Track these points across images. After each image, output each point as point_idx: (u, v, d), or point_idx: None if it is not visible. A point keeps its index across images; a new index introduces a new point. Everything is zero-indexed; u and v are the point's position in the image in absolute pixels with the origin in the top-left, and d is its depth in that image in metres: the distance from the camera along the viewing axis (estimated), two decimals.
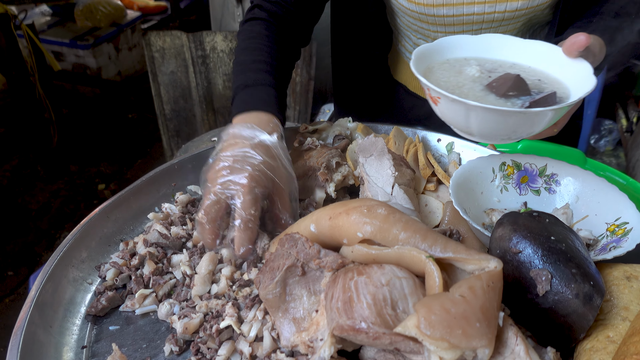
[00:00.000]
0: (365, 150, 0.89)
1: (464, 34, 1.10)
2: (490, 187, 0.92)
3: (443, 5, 1.05)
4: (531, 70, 0.85)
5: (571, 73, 0.81)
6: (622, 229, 0.80)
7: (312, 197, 0.88)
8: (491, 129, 0.73)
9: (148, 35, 2.48)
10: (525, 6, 1.04)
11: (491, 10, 1.06)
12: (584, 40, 0.77)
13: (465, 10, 1.06)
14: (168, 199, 0.97)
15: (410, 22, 1.15)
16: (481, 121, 0.72)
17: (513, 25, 1.12)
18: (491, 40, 0.88)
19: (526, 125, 0.73)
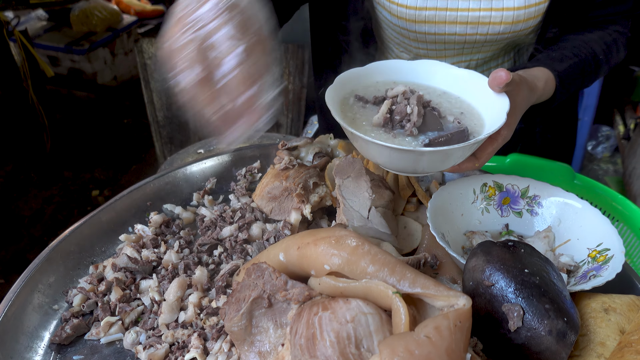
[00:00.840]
0: (342, 171, 0.87)
1: (445, 51, 1.10)
2: (471, 209, 0.89)
3: (425, 22, 1.03)
4: (458, 101, 0.84)
5: (491, 108, 0.80)
6: (604, 255, 0.77)
7: (287, 218, 0.86)
8: (393, 163, 0.74)
9: (140, 42, 2.47)
10: (507, 30, 1.03)
11: (473, 32, 1.04)
12: (504, 76, 0.76)
13: (447, 30, 1.05)
14: (143, 218, 0.95)
15: (394, 35, 1.14)
16: (381, 155, 0.73)
17: (496, 46, 1.10)
18: (425, 66, 0.87)
19: (427, 161, 0.72)
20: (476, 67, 1.17)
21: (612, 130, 3.60)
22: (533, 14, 1.01)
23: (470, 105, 0.83)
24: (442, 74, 0.86)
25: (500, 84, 0.77)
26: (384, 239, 0.80)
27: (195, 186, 1.02)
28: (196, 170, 1.03)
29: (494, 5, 1.00)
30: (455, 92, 0.85)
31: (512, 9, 1.00)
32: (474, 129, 0.77)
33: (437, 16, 1.03)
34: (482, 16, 1.01)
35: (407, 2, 1.02)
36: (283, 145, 0.99)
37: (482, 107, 0.82)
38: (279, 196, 0.88)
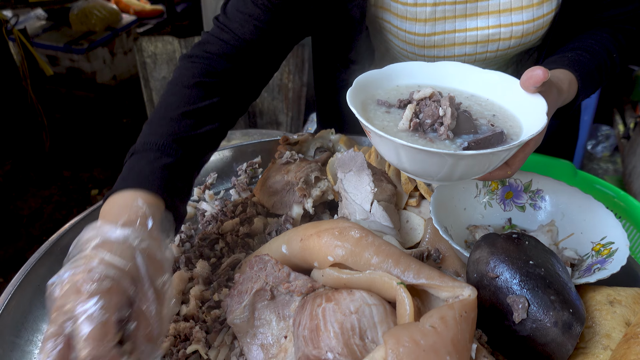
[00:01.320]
0: (344, 165, 0.86)
1: None
2: (474, 203, 0.89)
3: (434, 47, 1.01)
4: (489, 103, 0.79)
5: (526, 109, 0.74)
6: (608, 249, 0.77)
7: (289, 213, 0.85)
8: (423, 168, 0.68)
9: (140, 40, 2.46)
10: (517, 44, 1.01)
11: (483, 50, 1.02)
12: (541, 75, 0.71)
13: (457, 51, 1.02)
14: None
15: (402, 59, 1.09)
16: (411, 160, 0.67)
17: (505, 59, 1.08)
18: (448, 68, 0.82)
19: (462, 167, 0.66)
20: None
21: (611, 130, 3.60)
22: (541, 25, 0.99)
23: (502, 107, 0.78)
24: (468, 76, 0.81)
25: (537, 83, 0.72)
26: (386, 232, 0.80)
27: (196, 181, 1.01)
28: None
29: (503, 21, 0.98)
30: (484, 95, 0.80)
31: (521, 23, 0.97)
32: (511, 131, 0.71)
33: (446, 39, 1.01)
34: (492, 34, 0.99)
35: (416, 29, 0.98)
36: (284, 140, 0.98)
37: (515, 109, 0.76)
38: (281, 190, 0.87)
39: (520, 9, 0.96)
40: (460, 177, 0.69)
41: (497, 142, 0.67)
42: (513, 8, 0.97)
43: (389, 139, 0.64)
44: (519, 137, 0.69)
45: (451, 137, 0.68)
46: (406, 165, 0.68)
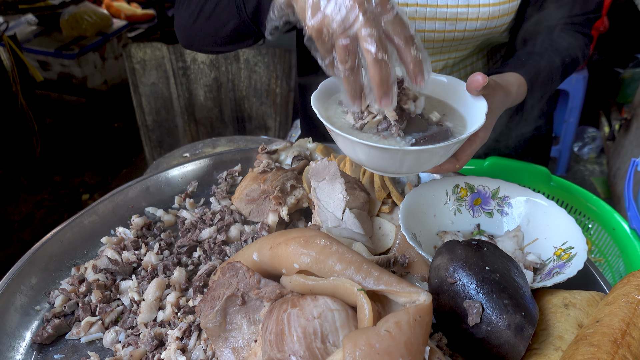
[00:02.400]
0: (317, 174, 0.89)
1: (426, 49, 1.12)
2: (444, 210, 0.92)
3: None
4: (441, 104, 0.88)
5: (471, 110, 0.84)
6: (568, 253, 0.80)
7: (264, 220, 0.88)
8: (377, 163, 0.77)
9: (129, 47, 2.49)
10: (483, 26, 1.07)
11: (451, 29, 1.08)
12: (480, 80, 0.81)
13: (427, 26, 1.08)
14: (125, 221, 0.97)
15: None
16: (367, 156, 0.76)
17: (473, 43, 1.14)
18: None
19: (412, 160, 0.75)
20: (453, 66, 1.21)
21: (597, 132, 3.65)
22: (507, 10, 1.06)
23: (452, 107, 0.88)
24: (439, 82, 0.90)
25: (478, 87, 0.82)
26: (358, 239, 0.83)
27: (177, 189, 1.05)
28: (178, 174, 1.06)
29: (471, 2, 1.05)
30: (438, 96, 0.90)
31: (488, 5, 1.04)
32: (456, 130, 0.81)
33: (418, 12, 1.07)
34: (460, 12, 1.06)
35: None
36: (263, 148, 1.01)
37: (463, 109, 0.86)
38: (257, 198, 0.90)
39: None
40: (409, 169, 0.78)
41: (443, 138, 0.77)
42: None
43: (345, 137, 0.73)
44: (463, 134, 0.78)
45: (402, 135, 0.77)
46: (362, 160, 0.78)
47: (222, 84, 2.54)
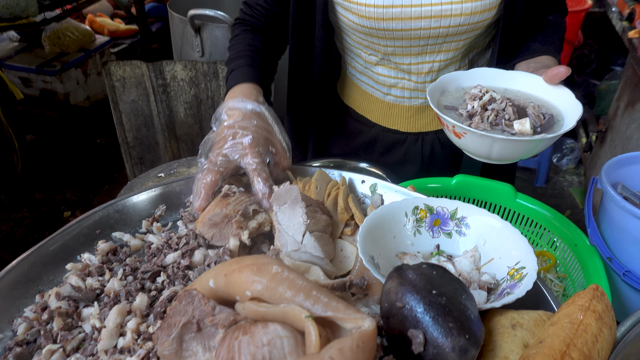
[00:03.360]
0: (279, 198, 0.92)
1: (411, 47, 1.23)
2: (403, 231, 0.95)
3: (392, 19, 1.15)
4: (521, 94, 1.04)
5: (557, 97, 1.01)
6: (520, 273, 0.83)
7: (227, 245, 0.90)
8: (510, 154, 0.92)
9: (108, 65, 2.50)
10: (466, 22, 1.16)
11: (436, 25, 1.16)
12: (564, 72, 0.98)
13: (414, 25, 1.16)
14: (92, 246, 0.98)
15: (361, 38, 1.25)
16: (502, 149, 0.90)
17: (455, 44, 1.22)
18: (480, 72, 1.09)
19: (536, 148, 0.91)
20: (439, 70, 1.29)
21: (575, 143, 3.71)
22: (488, 5, 1.14)
23: (534, 96, 1.03)
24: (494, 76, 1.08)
25: (562, 78, 1.00)
26: (317, 262, 0.85)
27: (145, 213, 1.06)
28: (146, 198, 1.07)
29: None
30: (515, 88, 1.06)
31: (470, 0, 1.13)
32: (555, 113, 0.98)
33: (404, 12, 1.14)
34: (444, 9, 1.14)
35: (375, 2, 1.13)
36: None
37: (546, 96, 1.02)
38: (220, 223, 0.92)
39: None
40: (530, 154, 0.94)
41: (552, 123, 0.95)
42: None
43: (485, 135, 0.88)
44: (563, 118, 0.97)
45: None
46: (494, 154, 0.92)
47: (201, 101, 2.56)
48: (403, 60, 1.26)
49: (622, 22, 2.65)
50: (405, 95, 1.35)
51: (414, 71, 1.28)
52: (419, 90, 1.33)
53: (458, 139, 0.94)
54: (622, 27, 2.63)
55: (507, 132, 0.93)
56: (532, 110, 0.95)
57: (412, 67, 1.27)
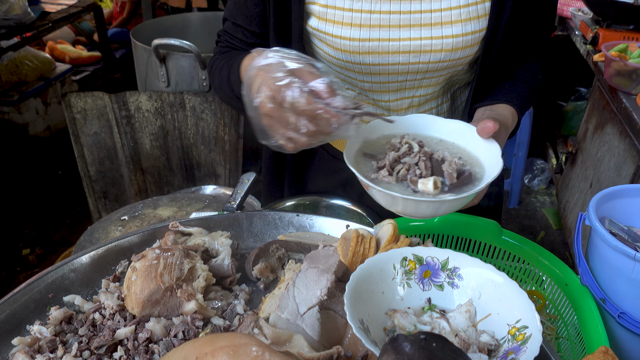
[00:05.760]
0: (314, 259, 0.83)
1: (389, 84, 1.16)
2: (392, 285, 0.87)
3: (369, 53, 1.07)
4: (454, 146, 0.96)
5: (485, 152, 0.93)
6: (522, 334, 0.76)
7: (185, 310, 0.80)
8: (416, 212, 0.86)
9: (68, 96, 2.38)
10: (447, 58, 1.09)
11: (416, 61, 1.09)
12: (492, 127, 0.91)
13: (391, 60, 1.09)
14: (44, 312, 0.87)
15: (338, 71, 1.17)
16: (404, 207, 0.84)
17: (436, 80, 1.15)
18: (419, 119, 0.99)
19: (446, 207, 0.85)
20: (418, 105, 1.21)
21: (546, 163, 3.74)
22: (470, 42, 1.08)
23: (465, 149, 0.96)
24: (433, 124, 0.99)
25: (489, 133, 0.91)
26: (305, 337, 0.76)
27: (104, 271, 0.96)
28: (105, 254, 0.97)
29: (434, 34, 1.06)
30: (450, 139, 0.97)
31: (451, 36, 1.07)
32: (476, 171, 0.90)
33: (381, 47, 1.07)
34: (424, 44, 1.07)
35: (350, 34, 1.06)
36: (173, 226, 0.94)
37: (476, 151, 0.94)
38: (162, 298, 0.82)
39: (450, 23, 1.06)
40: (444, 212, 0.87)
41: (469, 181, 0.87)
42: (444, 22, 1.06)
43: (382, 191, 0.82)
44: (483, 176, 0.89)
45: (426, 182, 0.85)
46: (399, 210, 0.86)
47: (168, 132, 2.46)
48: (382, 97, 1.19)
49: (586, 46, 2.68)
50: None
51: (393, 108, 1.21)
52: None
53: (367, 190, 0.88)
54: (587, 50, 2.66)
55: (412, 188, 0.86)
56: (448, 167, 0.88)
57: (392, 104, 1.20)
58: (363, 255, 0.91)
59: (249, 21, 1.18)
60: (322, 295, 0.78)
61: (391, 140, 0.94)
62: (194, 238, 0.97)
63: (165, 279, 0.82)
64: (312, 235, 1.01)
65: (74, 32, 4.59)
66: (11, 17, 3.08)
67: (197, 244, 0.94)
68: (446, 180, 0.87)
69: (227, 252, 0.94)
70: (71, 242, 3.03)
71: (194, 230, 0.98)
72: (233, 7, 1.20)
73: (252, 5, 1.15)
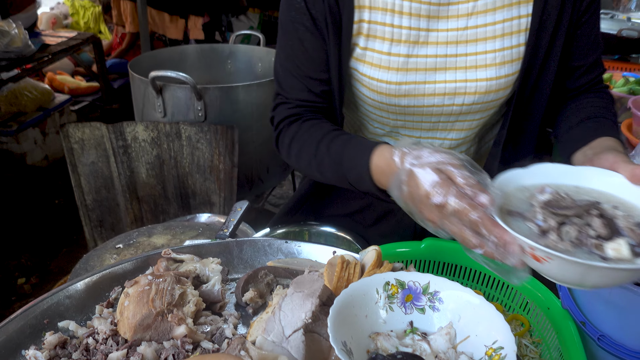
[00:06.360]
0: (300, 284, 0.87)
1: (422, 123, 1.18)
2: (375, 309, 0.90)
3: (405, 95, 1.11)
4: (605, 195, 0.83)
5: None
6: (498, 354, 0.79)
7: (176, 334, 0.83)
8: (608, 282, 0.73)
9: (66, 127, 2.43)
10: (480, 100, 1.12)
11: (450, 103, 1.13)
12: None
13: (426, 102, 1.12)
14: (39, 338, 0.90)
15: (370, 111, 1.20)
16: (600, 278, 0.70)
17: (469, 124, 1.18)
18: (550, 168, 0.87)
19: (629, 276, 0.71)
20: (449, 148, 1.24)
21: None
22: (503, 84, 1.11)
23: (617, 197, 0.83)
24: (568, 173, 0.87)
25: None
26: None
27: (98, 297, 0.99)
28: (99, 281, 1.00)
29: (469, 76, 1.09)
30: (598, 188, 0.85)
31: (485, 79, 1.09)
32: None
33: (416, 89, 1.10)
34: (458, 87, 1.10)
35: (388, 78, 1.09)
36: (166, 253, 0.98)
37: (632, 198, 0.81)
38: (153, 323, 0.85)
39: (484, 66, 1.09)
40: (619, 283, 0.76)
41: None
42: (478, 65, 1.09)
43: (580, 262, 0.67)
44: None
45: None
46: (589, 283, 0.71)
47: (164, 161, 2.51)
48: (413, 133, 1.21)
49: None
50: None
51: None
52: None
53: (538, 263, 0.72)
54: None
55: (597, 255, 0.71)
56: (625, 223, 0.73)
57: (422, 140, 1.20)
58: (348, 280, 0.94)
59: (314, 67, 1.13)
60: (306, 318, 0.81)
61: (537, 194, 0.80)
62: (185, 265, 1.01)
63: (157, 304, 0.85)
64: (299, 262, 1.05)
65: (74, 63, 4.68)
66: (12, 50, 3.16)
67: (189, 270, 0.98)
68: (631, 241, 0.71)
69: (218, 278, 0.97)
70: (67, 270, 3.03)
71: (186, 257, 1.02)
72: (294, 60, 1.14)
73: (312, 50, 1.11)
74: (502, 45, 1.08)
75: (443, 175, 0.78)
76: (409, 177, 0.81)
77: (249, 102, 2.48)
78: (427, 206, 0.79)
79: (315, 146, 1.08)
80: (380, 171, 0.95)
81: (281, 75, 1.17)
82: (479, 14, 1.07)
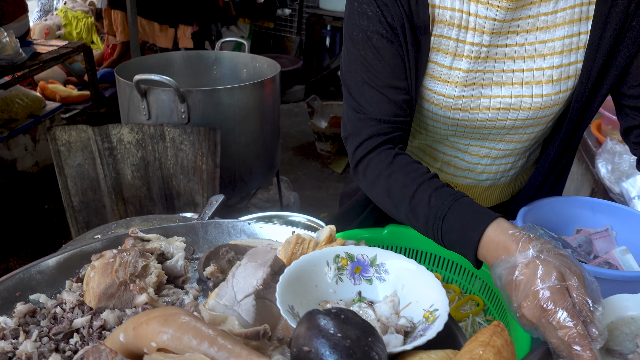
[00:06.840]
0: (253, 255, 0.93)
1: (473, 134, 1.19)
2: (325, 279, 0.97)
3: (460, 109, 1.12)
4: None
5: None
6: (433, 315, 0.86)
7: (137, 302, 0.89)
8: None
9: (53, 130, 2.50)
10: (534, 115, 1.13)
11: (503, 117, 1.13)
12: None
13: (480, 116, 1.13)
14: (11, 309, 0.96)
15: (423, 121, 1.22)
16: None
17: (519, 137, 1.20)
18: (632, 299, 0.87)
19: None
20: (495, 157, 1.25)
21: None
22: (557, 100, 1.11)
23: None
24: None
25: None
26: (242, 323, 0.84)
27: (69, 273, 1.05)
28: (70, 258, 1.06)
29: (524, 92, 1.10)
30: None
31: (541, 95, 1.10)
32: None
33: (472, 104, 1.11)
34: (514, 102, 1.11)
35: (447, 92, 1.10)
36: (134, 232, 1.04)
37: None
38: (116, 292, 0.91)
39: (541, 82, 1.09)
40: None
41: None
42: (535, 81, 1.09)
43: None
44: None
45: None
46: None
47: (149, 163, 2.57)
48: (461, 141, 1.23)
49: None
50: (455, 173, 1.31)
51: (470, 152, 1.24)
52: (469, 170, 1.29)
53: None
54: None
55: None
56: None
57: (470, 148, 1.23)
58: (301, 254, 1.01)
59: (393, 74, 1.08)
60: (258, 285, 0.88)
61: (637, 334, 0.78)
62: (152, 243, 1.07)
63: (120, 274, 0.92)
64: (260, 241, 1.11)
65: (66, 72, 4.76)
66: (3, 57, 3.23)
67: (154, 247, 1.04)
68: None
69: (181, 254, 1.04)
70: None
71: (152, 237, 1.08)
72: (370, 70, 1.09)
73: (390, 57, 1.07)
74: (560, 62, 1.08)
75: (563, 283, 0.76)
76: (527, 266, 0.79)
77: (232, 104, 2.56)
78: (532, 302, 0.78)
79: (411, 192, 1.02)
80: (493, 246, 0.88)
81: (355, 91, 1.11)
82: (539, 30, 1.06)
